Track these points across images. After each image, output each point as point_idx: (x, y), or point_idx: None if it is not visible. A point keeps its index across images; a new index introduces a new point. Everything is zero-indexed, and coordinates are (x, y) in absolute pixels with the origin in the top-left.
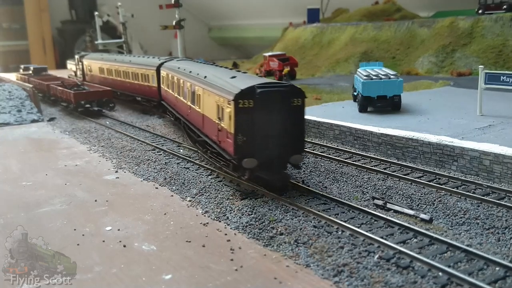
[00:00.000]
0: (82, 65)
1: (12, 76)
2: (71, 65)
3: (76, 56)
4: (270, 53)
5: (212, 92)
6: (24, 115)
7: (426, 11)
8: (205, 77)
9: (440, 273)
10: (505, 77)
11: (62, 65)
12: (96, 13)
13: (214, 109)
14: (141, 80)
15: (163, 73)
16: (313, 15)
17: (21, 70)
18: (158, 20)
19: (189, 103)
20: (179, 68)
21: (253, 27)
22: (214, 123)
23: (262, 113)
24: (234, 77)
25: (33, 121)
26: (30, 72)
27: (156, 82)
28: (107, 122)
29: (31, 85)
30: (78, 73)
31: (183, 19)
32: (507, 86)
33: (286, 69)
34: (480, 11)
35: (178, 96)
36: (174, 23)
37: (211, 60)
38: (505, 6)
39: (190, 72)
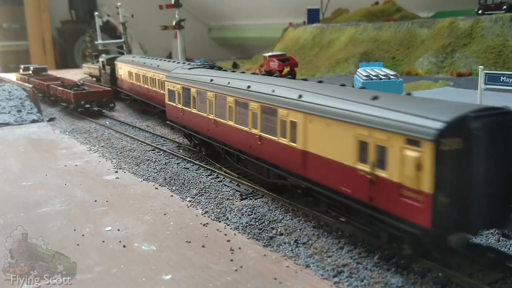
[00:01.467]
0: (113, 68)
1: (12, 76)
2: (91, 69)
3: (101, 59)
4: (270, 53)
5: (343, 121)
6: (24, 115)
7: (426, 11)
8: (300, 96)
9: (440, 274)
10: (505, 77)
11: (62, 65)
12: (96, 13)
13: (347, 147)
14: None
15: (173, 86)
16: (313, 16)
17: (21, 70)
18: (158, 20)
19: (257, 132)
20: (212, 80)
21: (253, 27)
22: (349, 169)
23: (477, 156)
24: (376, 97)
25: (33, 121)
26: (30, 72)
27: None
28: (107, 122)
29: (31, 85)
30: (105, 78)
31: (183, 19)
32: (507, 86)
33: (286, 70)
34: (480, 12)
35: (224, 121)
36: (174, 23)
37: (211, 61)
38: (505, 7)
39: (249, 87)
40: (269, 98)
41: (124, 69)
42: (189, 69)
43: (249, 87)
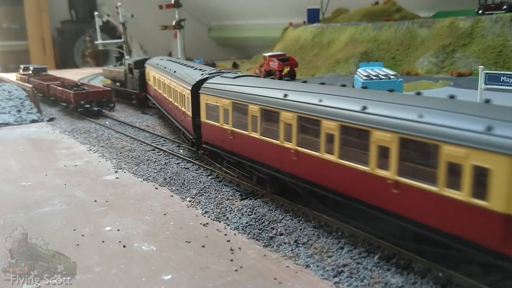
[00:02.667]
0: (142, 72)
1: (12, 76)
2: (113, 72)
3: (128, 62)
4: (270, 53)
5: None
6: (23, 115)
7: (426, 11)
8: (490, 128)
9: (440, 274)
10: (505, 77)
11: (62, 66)
12: (96, 13)
13: None
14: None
15: (215, 100)
16: (313, 15)
17: (21, 70)
18: (158, 20)
19: (390, 175)
20: (286, 96)
21: (253, 27)
22: None
23: None
24: None
25: (33, 121)
26: (30, 72)
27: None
28: (107, 122)
29: (30, 85)
30: (132, 84)
31: (183, 19)
32: (507, 86)
33: (286, 70)
34: (480, 11)
35: (315, 154)
36: (174, 23)
37: (210, 61)
38: (505, 7)
39: (365, 108)
40: (417, 128)
41: (150, 73)
42: (234, 78)
43: (365, 108)
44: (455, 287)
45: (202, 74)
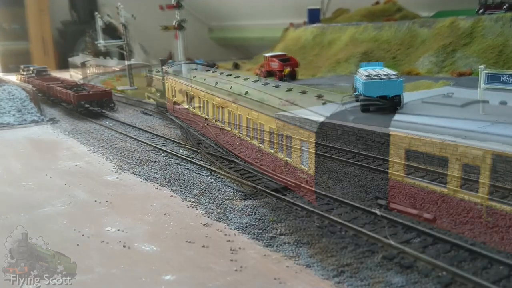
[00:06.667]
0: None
1: (13, 77)
2: (155, 80)
3: (165, 67)
4: (270, 54)
5: None
6: (24, 115)
7: (426, 11)
8: None
9: (444, 272)
10: (505, 77)
11: (63, 66)
12: (96, 13)
13: None
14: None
15: None
16: (313, 16)
17: (21, 71)
18: (159, 20)
19: None
20: None
21: (254, 27)
22: None
23: None
24: None
25: (34, 121)
26: (31, 72)
27: None
28: (108, 123)
29: (31, 86)
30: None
31: (184, 20)
32: (507, 86)
33: (287, 70)
34: (480, 11)
35: None
36: (174, 24)
37: (211, 61)
38: (505, 6)
39: None
40: None
41: (177, 86)
42: None
43: None
44: (458, 285)
45: None
